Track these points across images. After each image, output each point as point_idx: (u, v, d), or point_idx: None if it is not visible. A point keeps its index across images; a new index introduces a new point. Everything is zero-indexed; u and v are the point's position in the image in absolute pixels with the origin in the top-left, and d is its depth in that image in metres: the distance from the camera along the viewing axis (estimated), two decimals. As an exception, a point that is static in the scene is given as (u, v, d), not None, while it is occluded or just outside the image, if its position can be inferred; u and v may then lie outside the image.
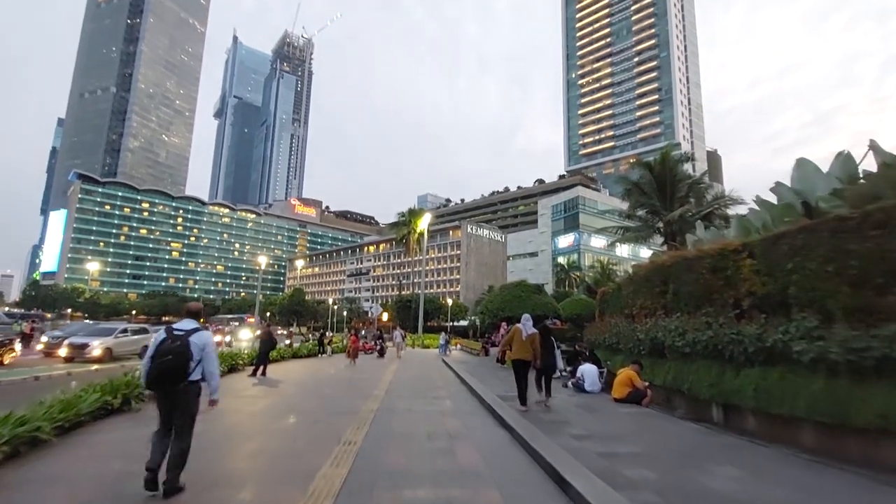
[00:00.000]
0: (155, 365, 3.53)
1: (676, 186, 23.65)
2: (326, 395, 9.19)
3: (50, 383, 11.15)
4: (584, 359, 11.99)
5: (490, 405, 7.62)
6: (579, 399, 8.86)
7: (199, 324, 3.91)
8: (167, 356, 3.54)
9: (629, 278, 11.89)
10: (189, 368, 3.59)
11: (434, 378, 13.25)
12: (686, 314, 8.59)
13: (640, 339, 9.51)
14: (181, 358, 3.56)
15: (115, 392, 6.98)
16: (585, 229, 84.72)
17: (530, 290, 18.98)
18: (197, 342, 3.67)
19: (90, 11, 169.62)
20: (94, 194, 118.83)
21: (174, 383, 3.56)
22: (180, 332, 3.71)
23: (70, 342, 15.60)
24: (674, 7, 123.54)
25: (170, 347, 3.58)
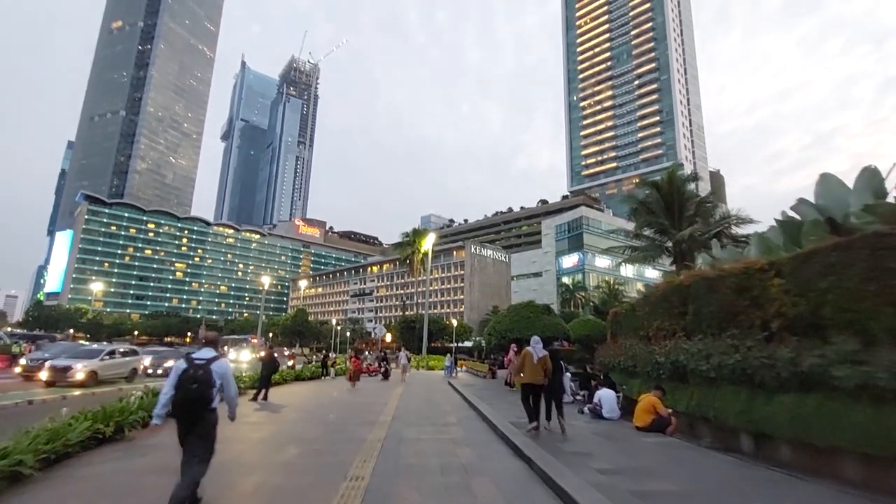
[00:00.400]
0: (181, 393, 3.66)
1: (685, 205, 23.42)
2: (331, 422, 8.74)
3: (44, 408, 10.75)
4: (600, 383, 11.50)
5: (504, 433, 7.18)
6: (598, 427, 8.37)
7: (216, 352, 4.04)
8: (193, 384, 3.67)
9: (644, 298, 11.50)
10: (212, 396, 3.77)
11: (441, 402, 12.75)
12: (709, 336, 8.19)
13: (659, 363, 9.07)
14: (205, 386, 3.70)
15: (108, 419, 6.59)
16: (590, 249, 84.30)
17: (539, 310, 18.52)
18: (217, 370, 3.83)
19: (103, 38, 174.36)
20: (100, 215, 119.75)
21: (199, 410, 3.71)
22: (201, 360, 3.83)
23: (52, 365, 14.45)
24: (673, 31, 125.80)
25: (194, 376, 3.69)
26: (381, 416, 9.42)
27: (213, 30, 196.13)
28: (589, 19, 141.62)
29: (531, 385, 7.66)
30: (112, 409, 6.93)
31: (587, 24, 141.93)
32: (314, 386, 17.70)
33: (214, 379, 3.78)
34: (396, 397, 13.37)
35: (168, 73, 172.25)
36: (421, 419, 9.43)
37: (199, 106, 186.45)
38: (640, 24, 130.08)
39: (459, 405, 12.05)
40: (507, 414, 9.17)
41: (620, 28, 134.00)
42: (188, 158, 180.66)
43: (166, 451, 6.16)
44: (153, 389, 8.99)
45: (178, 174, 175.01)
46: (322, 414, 10.01)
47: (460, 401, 13.05)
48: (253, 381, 13.50)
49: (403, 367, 22.05)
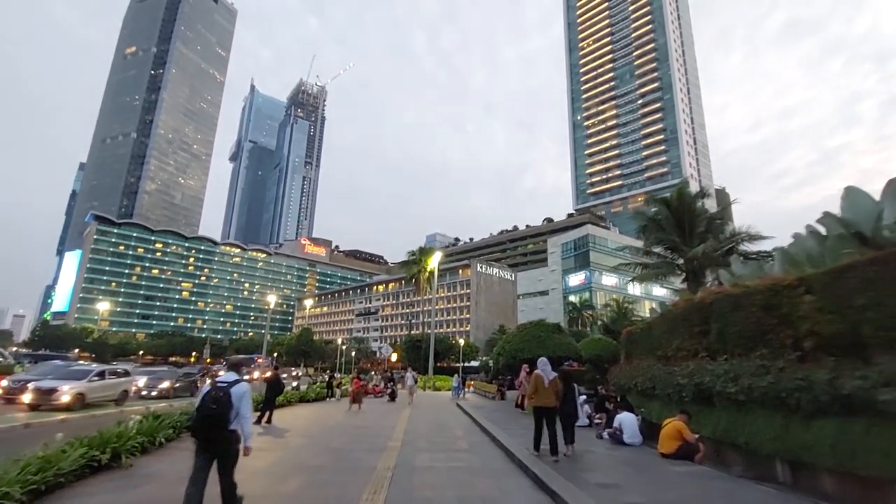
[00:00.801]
0: (201, 413, 3.91)
1: (695, 222, 23.07)
2: (337, 449, 8.33)
3: (43, 431, 10.42)
4: (619, 406, 11.01)
5: (522, 461, 6.75)
6: (620, 453, 7.90)
7: (239, 375, 4.26)
8: (213, 405, 3.91)
9: (661, 317, 11.09)
10: (230, 417, 3.94)
11: (452, 426, 12.27)
12: (735, 356, 7.79)
13: (681, 385, 8.63)
14: (224, 407, 3.91)
15: (105, 445, 6.25)
16: (596, 267, 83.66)
17: (550, 329, 18.01)
18: (236, 393, 4.04)
19: (117, 63, 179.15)
20: (109, 235, 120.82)
21: (218, 430, 3.90)
22: (224, 384, 4.07)
23: (36, 387, 13.46)
24: (675, 52, 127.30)
25: (214, 397, 3.93)
26: (390, 442, 8.99)
27: (224, 55, 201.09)
28: (592, 41, 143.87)
29: (543, 408, 7.48)
30: (109, 434, 6.59)
31: (590, 45, 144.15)
32: (319, 408, 17.20)
33: (233, 401, 3.98)
34: (404, 420, 12.90)
35: (179, 96, 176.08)
36: (432, 445, 8.99)
37: (208, 128, 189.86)
38: (642, 45, 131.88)
39: (470, 429, 11.57)
40: (523, 440, 8.71)
41: (623, 49, 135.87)
42: (197, 179, 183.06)
43: (164, 480, 5.82)
44: (153, 413, 8.65)
45: (186, 195, 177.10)
46: (328, 439, 9.59)
47: (471, 424, 12.57)
48: (257, 404, 13.06)
49: (410, 389, 21.46)
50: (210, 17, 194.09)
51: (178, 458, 7.18)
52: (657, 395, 9.86)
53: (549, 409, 7.52)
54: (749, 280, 8.97)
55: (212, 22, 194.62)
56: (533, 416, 7.87)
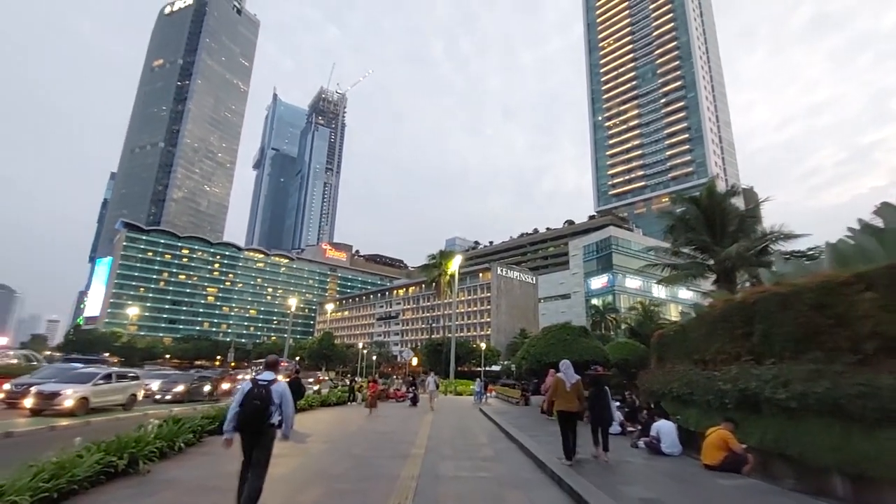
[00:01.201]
0: (245, 409, 4.22)
1: (727, 221, 22.16)
2: (358, 455, 8.04)
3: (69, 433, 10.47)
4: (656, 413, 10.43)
5: (554, 472, 6.33)
6: (660, 464, 7.37)
7: (276, 375, 4.56)
8: (254, 401, 4.24)
9: (698, 319, 10.48)
10: (270, 412, 4.28)
11: (476, 432, 11.87)
12: (783, 360, 7.21)
13: (723, 390, 8.04)
14: (265, 403, 4.24)
15: (122, 451, 6.10)
16: (620, 270, 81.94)
17: (576, 332, 17.41)
18: (276, 390, 4.38)
19: (145, 76, 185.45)
20: (138, 241, 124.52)
21: (259, 425, 4.24)
22: (263, 382, 4.39)
23: (38, 391, 12.79)
24: (698, 49, 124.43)
25: (256, 394, 4.26)
26: (413, 448, 8.67)
27: (248, 65, 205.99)
28: (612, 41, 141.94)
29: (566, 413, 7.43)
30: (127, 439, 6.46)
31: (610, 45, 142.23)
32: (341, 412, 17.00)
33: (273, 398, 4.31)
34: (427, 426, 12.55)
35: (204, 106, 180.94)
36: (456, 452, 8.62)
37: (232, 137, 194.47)
38: (664, 44, 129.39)
39: (496, 436, 11.15)
40: (553, 447, 8.26)
41: (644, 48, 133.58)
42: (222, 187, 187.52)
43: (181, 488, 5.61)
44: (174, 417, 8.54)
45: (211, 202, 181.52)
46: (349, 444, 9.33)
47: (496, 430, 12.14)
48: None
49: (432, 394, 20.94)
50: (234, 29, 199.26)
51: (198, 463, 7.01)
52: (695, 402, 9.27)
53: (572, 413, 7.40)
54: (794, 278, 8.35)
55: (235, 33, 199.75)
56: (558, 421, 7.72)
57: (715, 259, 21.27)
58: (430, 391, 21.00)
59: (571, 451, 7.23)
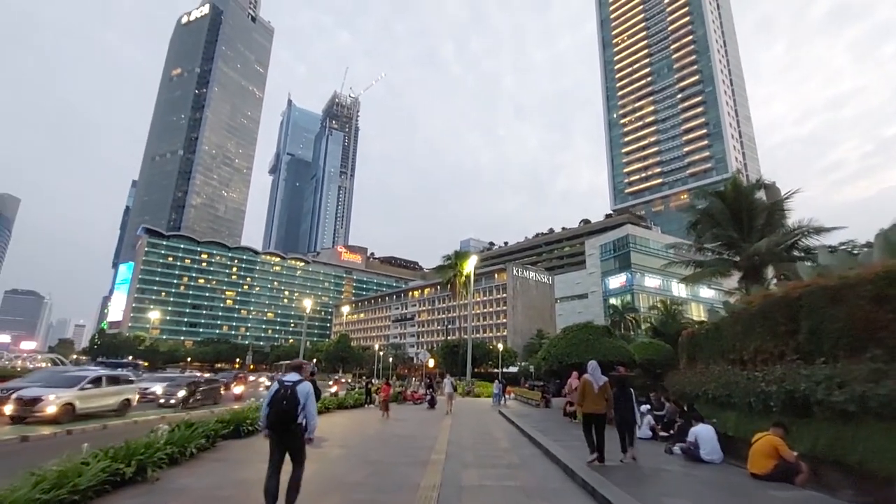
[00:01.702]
0: (274, 409, 4.50)
1: (754, 215, 21.28)
2: (376, 461, 7.66)
3: (84, 437, 10.34)
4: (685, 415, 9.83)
5: (586, 481, 5.84)
6: (702, 473, 6.79)
7: (300, 376, 4.81)
8: (282, 402, 4.49)
9: (734, 316, 9.86)
10: (298, 412, 4.52)
11: (497, 436, 11.40)
12: (835, 359, 6.61)
13: (767, 392, 7.45)
14: (292, 403, 4.50)
15: (130, 457, 5.83)
16: (638, 269, 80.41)
17: (599, 332, 16.75)
18: (301, 391, 4.60)
19: (164, 85, 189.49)
20: (158, 247, 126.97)
21: (288, 423, 4.49)
22: (289, 383, 4.62)
23: (17, 396, 11.70)
24: (715, 43, 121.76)
25: (284, 395, 4.52)
26: (433, 454, 8.25)
27: (262, 72, 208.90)
28: (626, 37, 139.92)
29: (593, 415, 7.33)
30: (136, 445, 6.19)
31: (624, 41, 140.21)
32: (357, 415, 16.67)
33: (299, 398, 4.54)
34: (446, 430, 12.12)
35: (221, 113, 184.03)
36: (479, 459, 8.17)
37: (249, 143, 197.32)
38: (679, 38, 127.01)
39: (518, 440, 10.66)
40: (582, 453, 7.76)
41: (659, 43, 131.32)
42: (239, 192, 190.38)
43: (191, 496, 5.30)
44: (186, 422, 8.28)
45: (229, 207, 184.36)
46: (366, 450, 8.96)
47: (519, 435, 11.65)
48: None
49: (449, 396, 20.23)
50: (249, 36, 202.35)
51: (209, 470, 6.71)
52: (734, 404, 8.67)
53: (600, 415, 7.30)
54: (842, 271, 7.71)
55: (250, 41, 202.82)
56: (583, 423, 7.64)
57: (742, 255, 20.43)
58: (447, 393, 20.37)
59: (598, 449, 7.16)
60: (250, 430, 10.04)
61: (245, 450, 8.40)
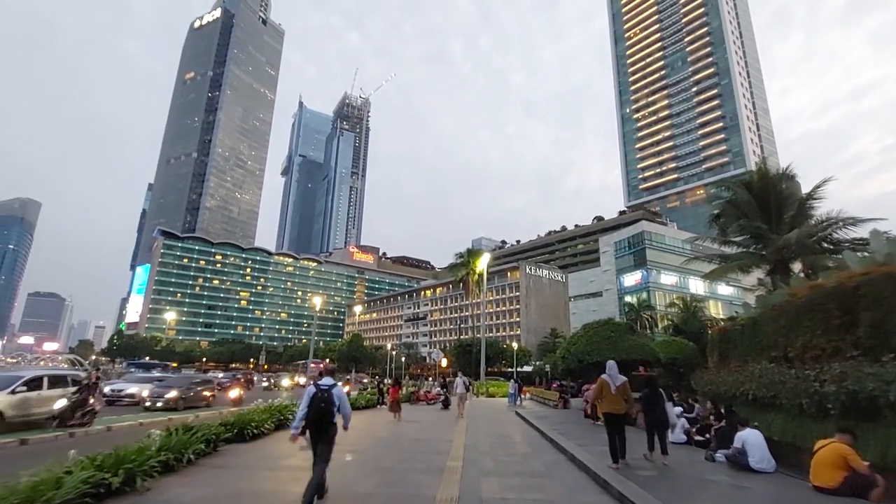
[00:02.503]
0: (313, 410, 4.97)
1: (783, 206, 20.22)
2: (387, 468, 7.05)
3: (87, 441, 9.94)
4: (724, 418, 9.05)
5: (624, 495, 5.15)
6: (756, 485, 6.01)
7: (334, 380, 5.32)
8: (321, 404, 4.97)
9: (776, 310, 9.04)
10: (334, 412, 5.03)
11: (517, 440, 10.71)
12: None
13: (823, 393, 6.65)
14: (329, 405, 4.99)
15: (118, 465, 5.31)
16: (654, 266, 78.73)
17: (621, 329, 15.92)
18: (336, 393, 5.09)
19: (178, 88, 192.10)
20: (174, 249, 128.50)
21: (323, 423, 5.01)
22: (325, 386, 5.09)
23: None
24: (731, 34, 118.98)
25: (321, 398, 4.99)
26: (449, 460, 7.61)
27: (273, 74, 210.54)
28: (638, 30, 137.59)
29: (612, 415, 7.23)
30: (126, 451, 5.67)
31: (637, 34, 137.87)
32: (369, 417, 16.08)
33: (335, 400, 5.03)
34: (462, 433, 11.47)
35: (234, 116, 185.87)
36: (499, 465, 7.51)
37: (261, 145, 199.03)
38: (694, 30, 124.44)
39: (540, 445, 9.96)
40: (608, 459, 7.07)
41: (673, 36, 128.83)
42: (252, 194, 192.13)
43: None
44: (186, 424, 7.78)
45: (242, 209, 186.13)
46: (377, 455, 8.36)
47: (539, 438, 10.95)
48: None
49: (461, 397, 17.95)
50: (260, 39, 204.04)
51: (207, 478, 6.17)
52: (780, 406, 7.86)
53: (618, 415, 7.20)
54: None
55: (261, 43, 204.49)
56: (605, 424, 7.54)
57: (770, 247, 19.41)
58: (458, 394, 18.35)
59: (617, 452, 7.05)
60: (255, 434, 9.54)
61: (248, 455, 7.86)
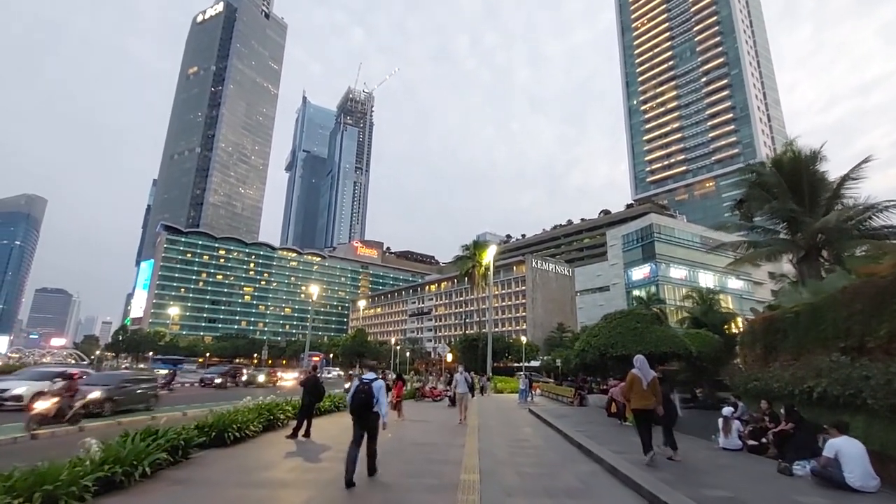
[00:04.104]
0: (355, 401, 5.87)
1: (817, 188, 18.72)
2: (389, 485, 5.74)
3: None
4: (778, 420, 7.71)
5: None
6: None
7: (375, 374, 6.35)
8: (362, 395, 5.86)
9: (851, 291, 7.65)
10: (373, 402, 5.89)
11: (538, 444, 9.39)
12: None
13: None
14: (369, 396, 5.87)
15: (32, 489, 4.05)
16: (663, 259, 77.08)
17: (647, 320, 14.49)
18: (376, 386, 5.98)
19: (181, 83, 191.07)
20: (177, 244, 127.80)
21: (365, 411, 5.84)
22: (367, 380, 6.05)
23: None
24: (741, 23, 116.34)
25: (363, 389, 5.89)
26: (463, 473, 6.30)
27: (277, 68, 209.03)
28: (646, 20, 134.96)
29: (642, 410, 7.20)
30: (51, 468, 4.40)
31: (644, 25, 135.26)
32: (371, 414, 14.76)
33: (374, 392, 5.91)
34: (474, 436, 10.14)
35: (237, 110, 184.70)
36: (524, 480, 6.19)
37: (264, 140, 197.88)
38: (703, 20, 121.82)
39: (567, 451, 8.62)
40: (666, 474, 5.74)
41: (682, 25, 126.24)
42: (256, 189, 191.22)
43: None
44: (146, 429, 6.50)
45: (246, 204, 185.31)
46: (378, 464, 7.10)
47: (564, 442, 9.62)
48: (296, 410, 10.81)
49: (460, 399, 13.79)
50: (263, 33, 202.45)
51: (158, 498, 4.90)
52: (862, 407, 6.50)
53: (649, 410, 7.14)
54: None
55: (264, 37, 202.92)
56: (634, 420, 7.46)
57: (804, 232, 17.94)
58: (459, 393, 14.03)
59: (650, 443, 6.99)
60: (238, 437, 8.29)
61: (224, 464, 6.59)
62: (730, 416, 8.37)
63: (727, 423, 8.22)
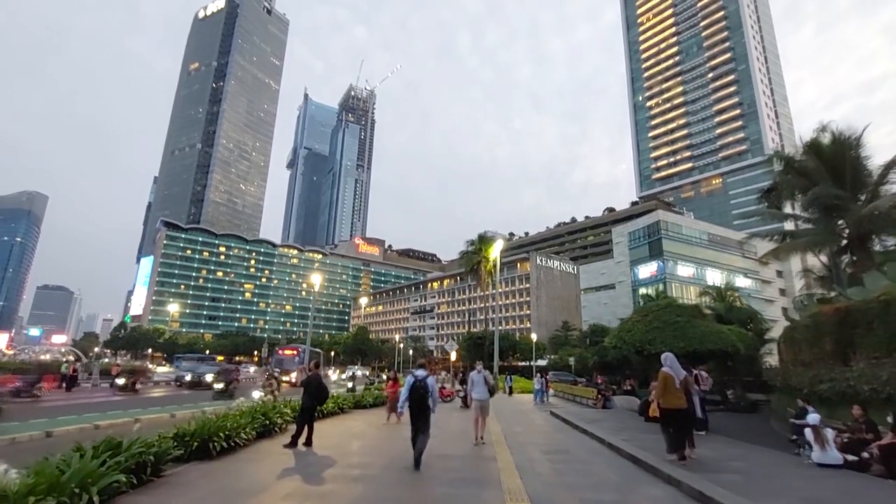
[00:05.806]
0: (413, 396, 6.63)
1: (861, 172, 17.32)
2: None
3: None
4: (876, 431, 6.32)
5: None
6: None
7: (427, 371, 6.99)
8: (419, 390, 6.63)
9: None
10: (428, 397, 6.67)
11: (581, 456, 7.97)
12: None
13: None
14: (425, 392, 6.64)
15: None
16: (670, 257, 75.57)
17: (688, 313, 13.05)
18: (429, 383, 6.75)
19: (182, 80, 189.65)
20: (177, 240, 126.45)
21: (422, 405, 6.61)
22: (421, 377, 6.75)
23: None
24: (749, 18, 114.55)
25: (418, 386, 6.65)
26: (507, 499, 4.91)
27: (278, 64, 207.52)
28: (651, 15, 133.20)
29: (675, 410, 7.12)
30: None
31: (650, 20, 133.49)
32: (377, 419, 13.32)
33: (428, 388, 6.68)
34: (503, 445, 8.71)
35: (238, 107, 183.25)
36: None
37: (266, 137, 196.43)
38: (709, 15, 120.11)
39: (621, 467, 7.16)
40: (757, 492, 4.35)
41: (688, 20, 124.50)
42: (257, 186, 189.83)
43: None
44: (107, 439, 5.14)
45: (247, 201, 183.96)
46: (388, 482, 5.72)
47: (611, 454, 8.18)
48: (295, 414, 9.41)
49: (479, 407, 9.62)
50: (264, 29, 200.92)
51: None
52: None
53: (682, 410, 7.11)
54: None
55: (266, 33, 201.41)
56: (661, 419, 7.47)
57: (849, 219, 16.51)
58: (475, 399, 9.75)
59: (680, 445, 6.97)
60: (226, 447, 6.90)
61: (201, 487, 5.19)
62: (819, 425, 6.97)
63: (818, 433, 6.81)
